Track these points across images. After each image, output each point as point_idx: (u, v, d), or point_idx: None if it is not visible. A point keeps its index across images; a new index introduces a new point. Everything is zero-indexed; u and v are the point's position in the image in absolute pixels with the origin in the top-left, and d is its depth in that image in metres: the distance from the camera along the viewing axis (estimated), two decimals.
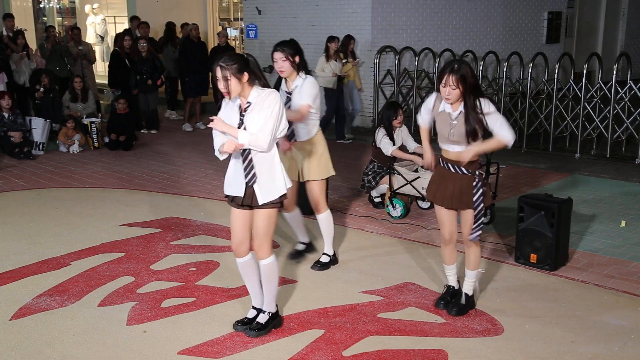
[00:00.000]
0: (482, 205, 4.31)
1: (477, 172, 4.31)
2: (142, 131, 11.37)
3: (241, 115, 3.98)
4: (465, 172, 4.28)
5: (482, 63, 10.55)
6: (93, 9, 17.99)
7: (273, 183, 4.03)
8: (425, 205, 6.88)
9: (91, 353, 4.05)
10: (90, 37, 17.51)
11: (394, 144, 6.78)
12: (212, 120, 3.94)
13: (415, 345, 4.11)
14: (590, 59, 9.79)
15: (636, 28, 16.75)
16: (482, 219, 4.36)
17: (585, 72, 9.31)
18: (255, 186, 4.01)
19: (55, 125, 10.45)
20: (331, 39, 10.31)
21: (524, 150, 9.81)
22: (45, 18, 19.32)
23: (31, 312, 4.58)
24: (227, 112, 4.05)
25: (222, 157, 4.02)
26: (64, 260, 5.55)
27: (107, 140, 10.16)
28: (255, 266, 4.24)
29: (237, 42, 16.94)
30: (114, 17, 17.58)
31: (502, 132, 4.16)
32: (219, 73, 3.86)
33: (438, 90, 4.27)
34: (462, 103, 4.16)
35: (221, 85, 3.89)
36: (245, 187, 4.02)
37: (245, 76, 3.90)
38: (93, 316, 4.52)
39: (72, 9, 19.48)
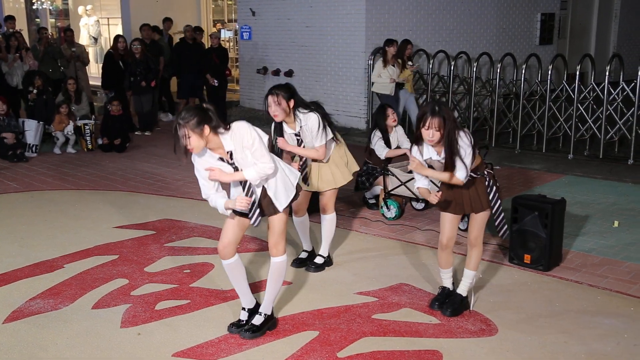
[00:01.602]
0: (499, 202, 4.39)
1: (485, 172, 4.37)
2: (136, 133, 11.35)
3: (231, 164, 3.93)
4: (474, 175, 4.33)
5: (475, 64, 10.58)
6: (86, 10, 17.93)
7: (284, 188, 4.09)
8: (420, 206, 6.89)
9: (85, 356, 4.03)
10: (83, 39, 17.46)
11: (389, 147, 6.79)
12: (211, 170, 3.90)
13: (410, 346, 4.12)
14: (583, 60, 9.82)
15: (628, 29, 16.81)
16: (502, 214, 4.43)
17: (578, 73, 9.34)
18: (271, 198, 4.04)
19: (49, 127, 10.43)
20: (389, 42, 10.00)
21: (517, 151, 9.84)
22: (38, 20, 19.27)
23: (24, 315, 4.56)
24: (210, 163, 3.95)
25: (227, 212, 4.02)
26: (58, 262, 5.54)
27: (100, 142, 10.14)
28: (242, 267, 4.25)
29: (231, 44, 16.93)
30: (108, 18, 17.54)
31: (459, 172, 4.17)
32: (179, 132, 3.76)
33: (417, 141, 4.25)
34: (443, 145, 4.15)
35: (183, 143, 3.78)
36: (253, 208, 4.03)
37: (206, 129, 3.77)
38: (87, 319, 4.50)
39: (65, 11, 19.42)
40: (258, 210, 4.05)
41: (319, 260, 5.39)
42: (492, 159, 7.12)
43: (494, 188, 4.39)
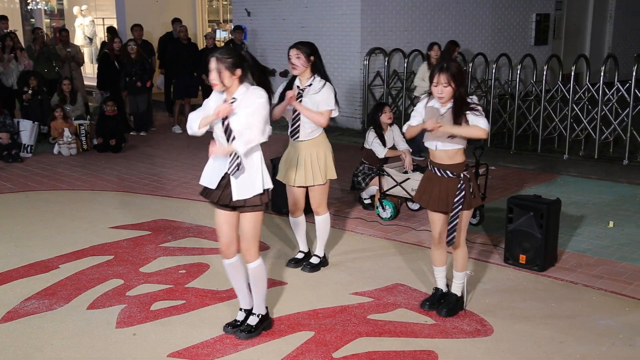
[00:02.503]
0: (460, 207, 4.33)
1: (462, 175, 4.33)
2: (132, 133, 11.34)
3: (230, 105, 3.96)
4: (450, 175, 4.31)
5: (471, 65, 10.59)
6: (81, 10, 17.90)
7: (250, 180, 3.99)
8: (415, 206, 6.90)
9: (80, 356, 4.03)
10: (78, 39, 17.43)
11: (385, 146, 6.82)
12: (210, 150, 3.96)
13: (405, 347, 4.12)
14: (578, 60, 9.85)
15: (623, 30, 16.87)
16: (456, 221, 4.37)
17: (573, 73, 9.36)
18: (232, 181, 3.98)
19: (44, 128, 10.41)
20: (432, 45, 9.62)
21: (513, 151, 9.85)
22: (33, 20, 19.23)
23: (19, 315, 4.55)
24: (216, 101, 4.04)
25: (200, 132, 3.99)
26: (53, 263, 5.52)
27: (95, 142, 10.12)
28: (242, 267, 4.23)
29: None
30: (103, 19, 17.51)
31: (481, 121, 4.20)
32: (213, 64, 3.88)
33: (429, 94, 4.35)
34: (452, 100, 4.23)
35: (212, 76, 3.89)
36: (219, 180, 4.01)
37: (238, 72, 3.91)
38: (82, 319, 4.50)
39: (60, 11, 19.39)
40: (218, 180, 4.04)
41: (314, 260, 5.39)
42: (488, 159, 7.13)
43: (462, 193, 4.31)
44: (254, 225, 4.08)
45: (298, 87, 5.03)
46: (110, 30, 12.97)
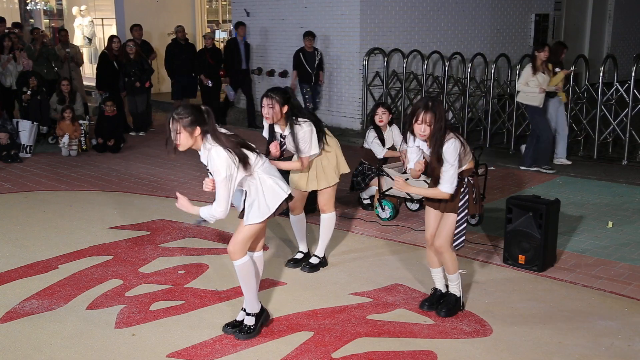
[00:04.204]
0: (465, 211, 4.34)
1: (466, 179, 4.34)
2: (131, 133, 11.34)
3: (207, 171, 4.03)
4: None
5: (470, 65, 10.59)
6: (81, 11, 17.90)
7: (259, 208, 4.07)
8: (414, 207, 6.90)
9: (79, 357, 4.03)
10: (77, 39, 17.43)
11: (384, 145, 6.81)
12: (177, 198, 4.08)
13: (405, 347, 4.12)
14: (577, 60, 9.84)
15: (622, 30, 16.87)
16: (465, 224, 4.38)
17: (572, 74, 9.36)
18: (245, 209, 4.11)
19: (43, 128, 10.40)
20: (540, 46, 8.69)
21: (512, 152, 9.85)
22: (32, 20, 19.22)
23: (19, 315, 4.55)
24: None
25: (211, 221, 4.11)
26: (52, 263, 5.52)
27: (95, 142, 10.11)
28: (253, 267, 4.24)
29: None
30: (102, 19, 17.51)
31: (445, 181, 4.19)
32: (170, 125, 3.84)
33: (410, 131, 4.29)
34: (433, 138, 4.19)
35: (172, 137, 3.87)
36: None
37: (197, 130, 3.85)
38: (81, 320, 4.49)
39: (59, 11, 19.38)
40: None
41: (314, 260, 5.39)
42: (487, 160, 7.13)
43: (467, 197, 4.33)
44: (249, 232, 4.13)
45: (280, 135, 5.01)
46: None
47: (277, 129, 5.02)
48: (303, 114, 4.95)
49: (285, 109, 4.83)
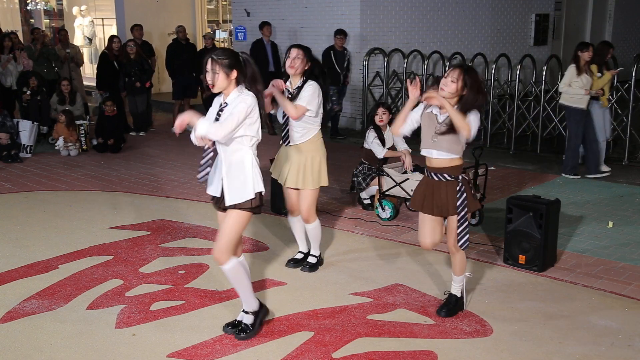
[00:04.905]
0: (465, 210, 4.32)
1: (460, 177, 4.32)
2: (131, 133, 11.34)
3: (217, 114, 3.99)
4: (448, 178, 4.29)
5: (470, 65, 10.59)
6: (81, 11, 17.90)
7: (241, 185, 3.98)
8: None
9: (79, 357, 4.03)
10: (78, 40, 17.43)
11: (384, 145, 6.82)
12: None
13: (405, 347, 4.12)
14: None
15: (622, 30, 16.88)
16: (466, 223, 4.36)
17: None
18: (224, 186, 3.99)
19: (43, 128, 10.41)
20: (584, 46, 8.19)
21: (512, 152, 9.86)
22: (32, 20, 19.22)
23: (19, 315, 4.55)
24: (214, 107, 4.08)
25: (196, 142, 3.97)
26: (52, 263, 5.52)
27: (95, 142, 10.12)
28: (244, 268, 4.23)
29: (226, 44, 16.92)
30: (102, 19, 17.51)
31: (473, 122, 4.13)
32: (209, 65, 3.88)
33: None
34: (457, 101, 4.16)
35: (208, 77, 3.90)
36: (222, 187, 4.01)
37: (234, 73, 3.91)
38: (81, 320, 4.49)
39: (59, 11, 19.38)
40: (208, 170, 4.07)
41: (312, 260, 5.39)
42: (487, 160, 7.12)
43: (464, 195, 4.29)
44: (233, 223, 4.01)
45: (288, 90, 5.02)
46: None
47: (288, 85, 5.06)
48: (316, 77, 5.05)
49: (309, 65, 4.97)
